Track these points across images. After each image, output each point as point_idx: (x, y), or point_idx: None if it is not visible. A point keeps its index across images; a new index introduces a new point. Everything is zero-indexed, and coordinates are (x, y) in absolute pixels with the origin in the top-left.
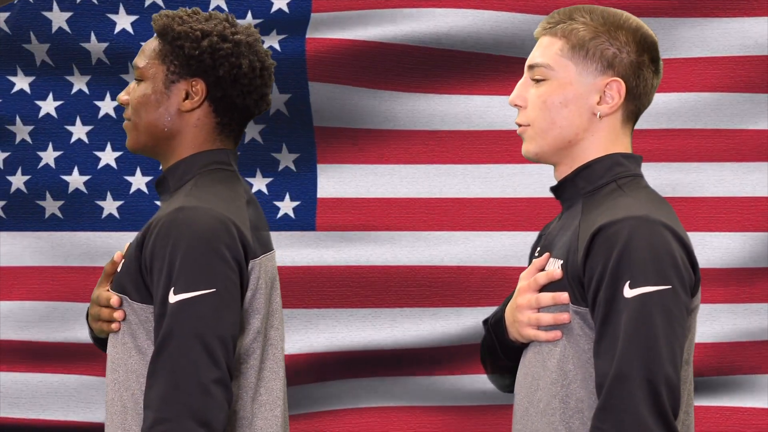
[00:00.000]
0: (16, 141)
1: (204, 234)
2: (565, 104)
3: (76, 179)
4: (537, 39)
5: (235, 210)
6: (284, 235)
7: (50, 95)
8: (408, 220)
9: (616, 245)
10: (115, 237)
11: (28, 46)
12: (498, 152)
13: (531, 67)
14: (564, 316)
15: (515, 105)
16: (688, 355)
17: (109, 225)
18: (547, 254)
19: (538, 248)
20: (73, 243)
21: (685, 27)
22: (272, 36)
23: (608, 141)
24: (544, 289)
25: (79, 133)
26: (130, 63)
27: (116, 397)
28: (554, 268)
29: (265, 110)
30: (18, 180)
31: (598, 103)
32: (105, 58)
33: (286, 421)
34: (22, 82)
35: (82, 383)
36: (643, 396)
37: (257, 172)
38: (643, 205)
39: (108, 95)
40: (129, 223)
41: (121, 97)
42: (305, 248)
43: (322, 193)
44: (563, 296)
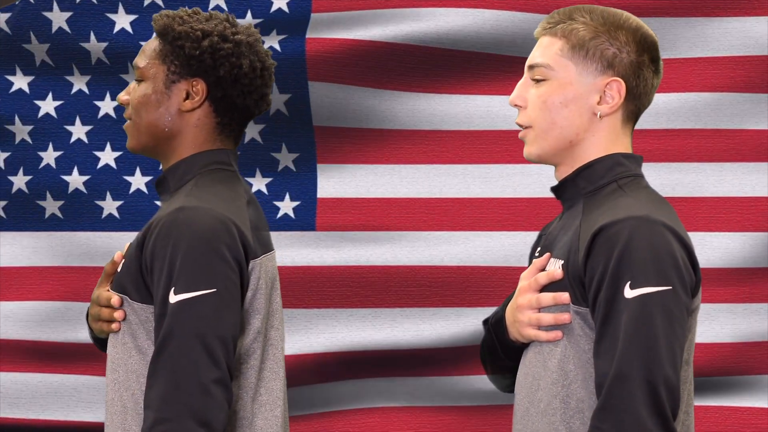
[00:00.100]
0: (16, 141)
1: (204, 234)
2: (565, 104)
3: (76, 179)
4: (537, 39)
5: (236, 210)
6: (284, 235)
7: (50, 95)
8: (408, 220)
9: (616, 245)
10: (115, 237)
11: (28, 46)
12: (498, 152)
13: (531, 67)
14: (565, 316)
15: (515, 105)
16: (688, 356)
17: (108, 225)
18: (547, 254)
19: (539, 248)
20: (72, 243)
21: (685, 27)
22: (272, 36)
23: (608, 141)
24: (544, 289)
25: (79, 133)
26: (130, 62)
27: (116, 397)
28: (555, 268)
29: (265, 110)
30: (20, 180)
31: (598, 103)
32: (105, 58)
33: (286, 422)
34: (20, 81)
35: (82, 383)
36: (643, 396)
37: (257, 171)
38: (644, 206)
39: (108, 95)
40: (129, 223)
41: (122, 97)
42: (305, 248)
43: (322, 193)
44: (564, 296)
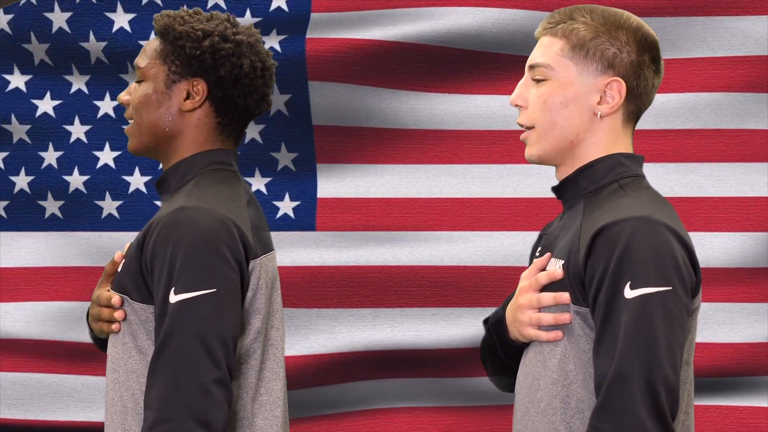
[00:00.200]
0: (14, 140)
1: (205, 234)
2: (566, 104)
3: (76, 179)
4: (538, 39)
5: (236, 210)
6: (284, 236)
7: (48, 94)
8: (408, 220)
9: (617, 246)
10: (115, 237)
11: (28, 46)
12: (498, 152)
13: (531, 67)
14: (565, 316)
15: (516, 105)
16: (688, 356)
17: (108, 225)
18: (548, 254)
19: (539, 248)
20: (72, 243)
21: (685, 27)
22: (272, 36)
23: (609, 141)
24: (545, 289)
25: (78, 132)
26: (129, 62)
27: (116, 397)
28: (555, 268)
29: (265, 110)
30: (22, 180)
31: (598, 103)
32: (104, 58)
33: (287, 422)
34: (17, 80)
35: (81, 383)
36: (642, 396)
37: (256, 171)
38: (645, 206)
39: (107, 95)
40: (128, 223)
41: (122, 97)
42: (305, 248)
43: (322, 192)
44: (564, 296)
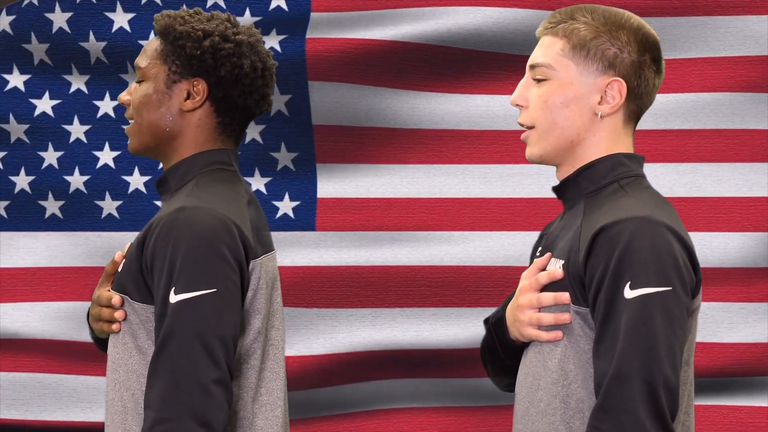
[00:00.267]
0: (12, 140)
1: (205, 234)
2: (566, 104)
3: (77, 179)
4: (539, 38)
5: (236, 210)
6: (283, 236)
7: (47, 94)
8: (408, 220)
9: (617, 246)
10: (115, 237)
11: (28, 46)
12: (498, 152)
13: (532, 67)
14: (565, 316)
15: (517, 105)
16: (689, 356)
17: (108, 225)
18: (548, 254)
19: (540, 248)
20: (72, 243)
21: (685, 27)
22: (272, 36)
23: (610, 141)
24: (545, 288)
25: (77, 132)
26: (129, 62)
27: (116, 397)
28: (556, 268)
29: (266, 110)
30: (22, 180)
31: (599, 103)
32: (104, 58)
33: (287, 422)
34: (16, 80)
35: (81, 383)
36: (642, 397)
37: (256, 171)
38: (645, 206)
39: (107, 95)
40: (128, 223)
41: (123, 97)
42: (305, 248)
43: (322, 193)
44: (564, 296)
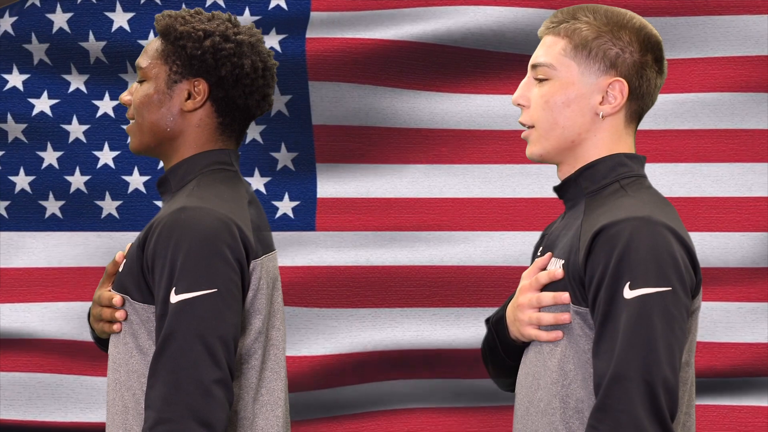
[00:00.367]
0: (9, 140)
1: (206, 234)
2: (568, 104)
3: (77, 179)
4: (541, 38)
5: (237, 210)
6: (283, 236)
7: (45, 93)
8: (408, 220)
9: (617, 246)
10: (115, 237)
11: (28, 46)
12: (498, 152)
13: (534, 67)
14: (565, 316)
15: (518, 104)
16: (689, 357)
17: (108, 225)
18: (549, 254)
19: (541, 248)
20: (71, 243)
21: (686, 27)
22: (272, 36)
23: (611, 141)
24: (545, 288)
25: (77, 132)
26: (128, 61)
27: (117, 397)
28: (556, 267)
29: (267, 110)
30: (22, 180)
31: (600, 103)
32: (103, 57)
33: (288, 422)
34: (15, 79)
35: (81, 383)
36: (640, 397)
37: (255, 171)
38: (645, 206)
39: (107, 94)
40: (128, 224)
41: (124, 97)
42: (305, 248)
43: (321, 192)
44: (564, 296)
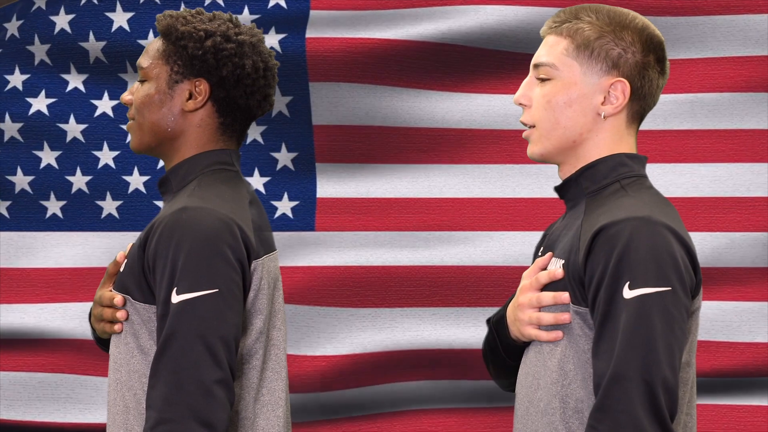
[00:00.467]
0: (5, 139)
1: (207, 234)
2: (569, 104)
3: (79, 179)
4: (543, 37)
5: (238, 210)
6: (282, 236)
7: (42, 92)
8: (408, 220)
9: (616, 246)
10: (115, 237)
11: (31, 47)
12: (498, 152)
13: (536, 66)
14: (565, 316)
15: (520, 104)
16: (690, 357)
17: (108, 225)
18: (549, 253)
19: (542, 247)
20: (70, 243)
21: (685, 27)
22: (271, 35)
23: (612, 141)
24: (545, 288)
25: (74, 132)
26: (128, 61)
27: (118, 397)
28: (556, 267)
29: (268, 111)
30: (20, 180)
31: (602, 104)
32: (103, 57)
33: (288, 422)
34: (16, 80)
35: (81, 384)
36: (640, 397)
37: (255, 171)
38: (645, 206)
39: (106, 94)
40: (128, 224)
41: (125, 96)
42: (304, 249)
43: (321, 192)
44: (564, 296)
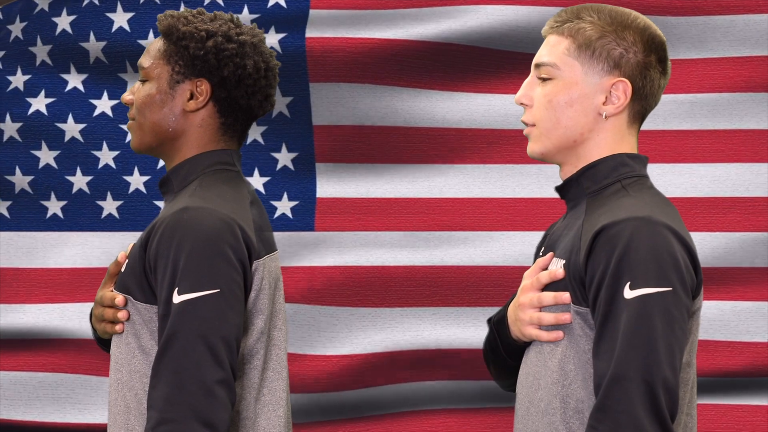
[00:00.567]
0: (4, 139)
1: (208, 235)
2: (571, 104)
3: (79, 179)
4: (544, 37)
5: (240, 211)
6: (281, 236)
7: (42, 92)
8: (408, 220)
9: (617, 246)
10: (115, 237)
11: (33, 49)
12: (498, 152)
13: (537, 66)
14: (565, 316)
15: (521, 104)
16: (690, 357)
17: (108, 225)
18: (550, 253)
19: (543, 247)
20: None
21: (685, 27)
22: (271, 34)
23: (614, 141)
24: (546, 288)
25: (72, 131)
26: (128, 61)
27: (119, 397)
28: (557, 267)
29: (269, 111)
30: (20, 180)
31: (603, 104)
32: (103, 57)
33: (289, 422)
34: (17, 80)
35: (81, 383)
36: (640, 397)
37: (255, 171)
38: (646, 206)
39: (105, 93)
40: (128, 224)
41: (126, 96)
42: (303, 249)
43: (321, 192)
44: (565, 296)
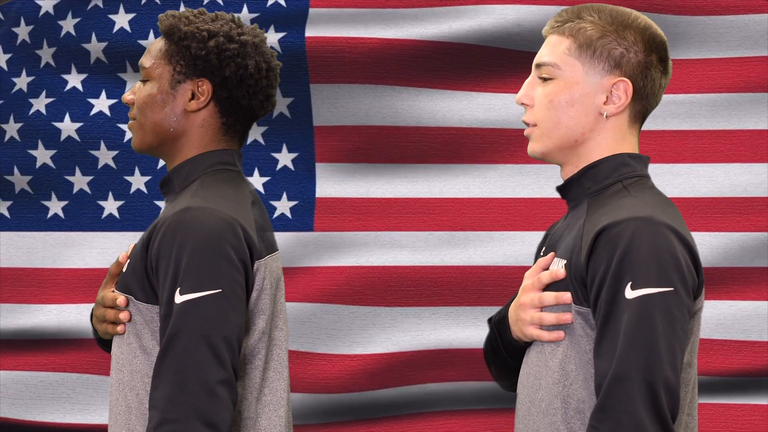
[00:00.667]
0: (5, 139)
1: (210, 235)
2: (572, 104)
3: (80, 179)
4: (545, 37)
5: (241, 211)
6: (281, 236)
7: (43, 93)
8: (408, 220)
9: (618, 246)
10: (115, 237)
11: (39, 51)
12: (498, 152)
13: (538, 66)
14: (567, 316)
15: (522, 103)
16: (691, 358)
17: (108, 225)
18: (551, 253)
19: (544, 247)
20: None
21: (685, 27)
22: (270, 33)
23: (615, 141)
24: (547, 288)
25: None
26: (128, 61)
27: (120, 397)
28: (558, 267)
29: (270, 111)
30: (19, 179)
31: (604, 103)
32: (104, 57)
33: (290, 422)
34: (21, 82)
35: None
36: (641, 397)
37: (255, 171)
38: (647, 206)
39: (103, 93)
40: (129, 224)
41: (126, 96)
42: (303, 249)
43: (320, 192)
44: (566, 296)
